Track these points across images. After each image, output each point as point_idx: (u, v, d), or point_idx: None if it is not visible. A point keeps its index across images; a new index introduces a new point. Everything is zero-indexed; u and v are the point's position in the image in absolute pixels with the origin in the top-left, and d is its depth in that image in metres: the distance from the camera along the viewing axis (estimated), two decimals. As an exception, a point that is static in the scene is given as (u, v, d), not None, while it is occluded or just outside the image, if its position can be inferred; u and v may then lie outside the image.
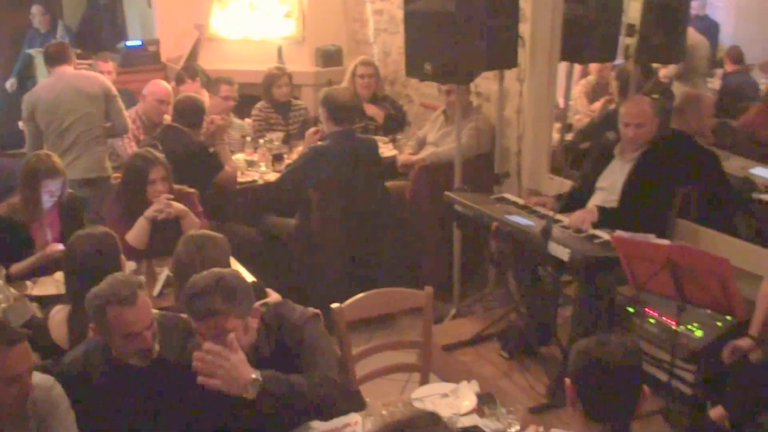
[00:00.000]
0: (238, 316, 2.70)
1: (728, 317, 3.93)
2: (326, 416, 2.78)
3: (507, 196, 4.93)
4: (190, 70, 6.66)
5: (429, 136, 6.01)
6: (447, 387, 3.13)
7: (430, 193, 5.56)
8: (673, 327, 3.82)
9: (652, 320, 4.21)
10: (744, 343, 3.66)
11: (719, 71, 8.13)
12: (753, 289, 3.80)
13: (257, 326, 2.81)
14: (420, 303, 3.63)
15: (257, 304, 2.85)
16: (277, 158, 5.93)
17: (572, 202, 4.57)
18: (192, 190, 4.73)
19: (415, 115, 6.99)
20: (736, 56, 7.87)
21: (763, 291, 3.73)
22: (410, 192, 5.72)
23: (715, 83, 7.95)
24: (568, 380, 2.35)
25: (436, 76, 4.97)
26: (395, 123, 6.58)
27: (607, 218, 4.33)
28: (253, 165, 5.88)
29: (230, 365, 2.58)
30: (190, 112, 5.40)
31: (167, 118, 5.60)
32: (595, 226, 4.31)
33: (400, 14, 5.84)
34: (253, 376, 2.60)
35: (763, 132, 6.30)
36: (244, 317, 2.73)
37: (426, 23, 4.87)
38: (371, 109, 6.49)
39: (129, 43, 8.23)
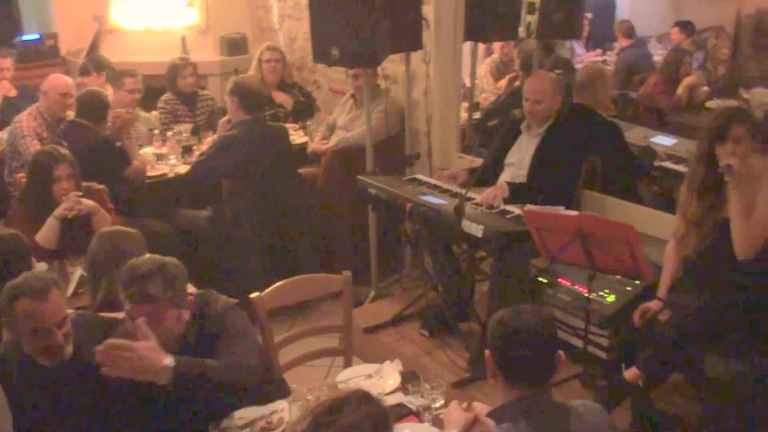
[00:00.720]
0: (175, 305, 2.68)
1: (637, 281, 4.08)
2: (239, 400, 2.79)
3: (419, 176, 4.98)
4: (96, 63, 6.49)
5: (339, 121, 6.02)
6: (370, 368, 3.17)
7: (342, 178, 5.57)
8: (586, 294, 3.94)
9: (565, 289, 4.33)
10: (653, 305, 3.81)
11: (617, 45, 8.37)
12: (659, 253, 3.95)
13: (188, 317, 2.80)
14: (339, 287, 3.66)
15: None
16: (187, 150, 5.86)
17: (483, 178, 4.67)
18: (101, 186, 4.64)
19: (324, 100, 6.99)
20: (627, 30, 8.12)
21: (667, 254, 3.88)
22: (323, 178, 5.72)
23: (613, 57, 8.20)
24: (487, 352, 2.41)
25: (343, 60, 4.98)
26: (305, 109, 6.57)
27: (517, 193, 4.43)
28: (162, 158, 5.78)
29: (135, 355, 2.55)
30: (93, 107, 5.27)
31: (70, 114, 5.46)
32: (507, 201, 4.40)
33: (304, 0, 5.81)
34: (166, 362, 2.59)
35: (661, 102, 6.54)
36: (179, 307, 2.72)
37: (330, 8, 4.86)
38: (280, 96, 6.46)
39: (26, 37, 7.93)
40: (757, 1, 8.22)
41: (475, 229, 4.05)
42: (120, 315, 2.84)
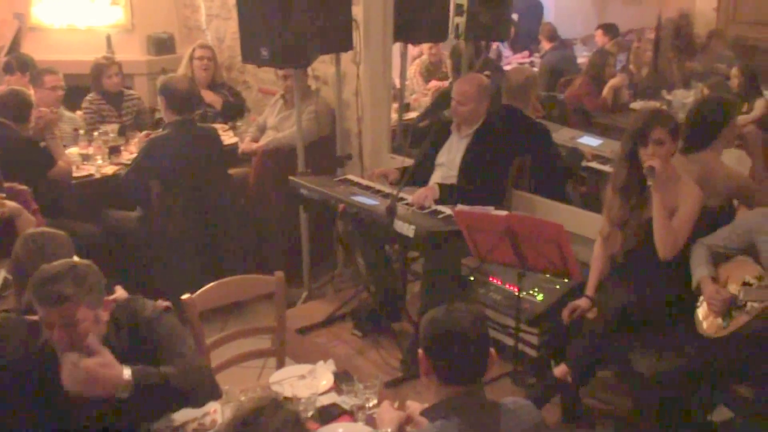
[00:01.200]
0: (89, 306, 2.62)
1: (566, 280, 4.17)
2: (197, 404, 2.76)
3: (351, 177, 4.99)
4: (20, 61, 6.31)
5: (269, 121, 5.99)
6: (304, 368, 3.17)
7: (273, 179, 5.55)
8: (516, 293, 4.00)
9: (495, 288, 4.40)
10: (582, 302, 3.89)
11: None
12: (587, 252, 4.04)
13: (108, 320, 2.74)
14: (271, 288, 3.64)
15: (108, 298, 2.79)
16: (114, 151, 5.75)
17: (414, 179, 4.70)
18: (24, 187, 4.53)
19: (254, 101, 6.95)
20: (550, 33, 8.28)
21: (595, 253, 3.97)
22: (254, 178, 5.69)
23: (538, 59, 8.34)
24: (420, 351, 2.43)
25: (272, 61, 4.96)
26: (234, 110, 6.52)
27: (447, 194, 4.47)
28: (88, 159, 5.67)
29: (89, 375, 2.51)
30: (15, 107, 5.13)
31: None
32: (438, 201, 4.45)
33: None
34: (125, 375, 2.55)
35: (587, 103, 6.68)
36: (95, 308, 2.66)
37: (260, 8, 4.84)
38: (209, 96, 6.40)
39: (-59, 36, 7.71)
40: (677, 4, 8.48)
41: (407, 229, 4.08)
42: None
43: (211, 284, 3.53)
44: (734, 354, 3.35)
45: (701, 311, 3.50)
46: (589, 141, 5.59)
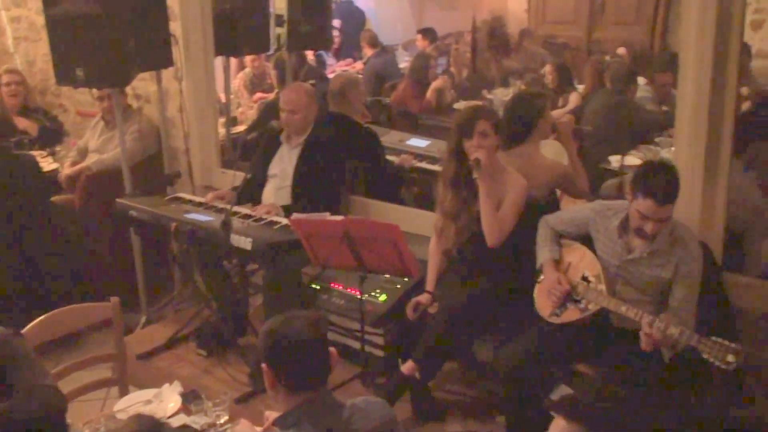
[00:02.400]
0: None
1: (406, 279, 4.26)
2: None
3: (182, 195, 4.92)
4: None
5: (90, 145, 5.79)
6: (149, 393, 3.09)
7: (100, 203, 5.36)
8: (359, 296, 4.05)
9: (338, 294, 4.44)
10: (423, 299, 3.99)
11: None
12: (424, 250, 4.14)
13: None
14: (107, 315, 3.52)
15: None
16: None
17: (248, 192, 4.68)
18: None
19: (73, 124, 6.70)
20: (371, 40, 8.46)
21: (431, 249, 4.09)
22: (79, 203, 5.49)
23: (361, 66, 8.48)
24: (264, 365, 2.43)
25: (89, 81, 4.81)
26: (51, 135, 6.26)
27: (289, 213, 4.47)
28: None
29: None
30: None
31: None
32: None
33: (40, 20, 5.55)
34: None
35: (412, 106, 6.85)
36: None
37: (71, 27, 4.68)
38: (23, 123, 6.12)
39: None
40: (490, 6, 8.86)
41: (244, 243, 4.06)
42: None
43: (42, 317, 3.37)
44: (571, 337, 3.52)
45: (538, 287, 3.66)
46: (417, 142, 5.72)
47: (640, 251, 3.35)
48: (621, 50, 7.80)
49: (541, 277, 3.66)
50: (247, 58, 7.31)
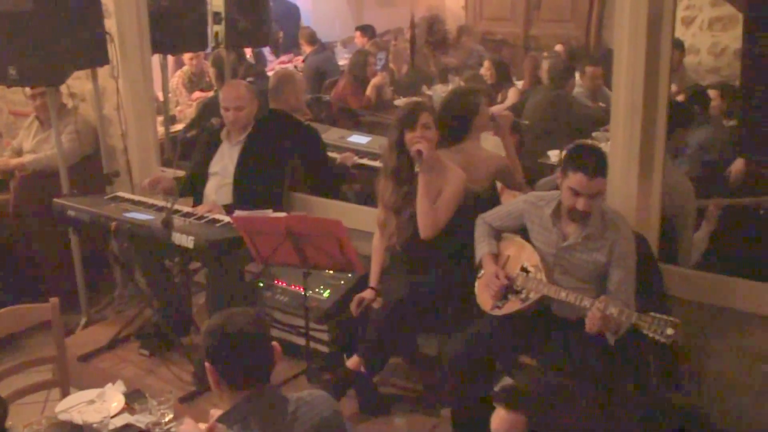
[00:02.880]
0: None
1: (349, 274, 4.29)
2: None
3: (121, 194, 4.87)
4: None
5: (25, 145, 5.70)
6: (92, 393, 3.07)
7: (36, 204, 5.29)
8: (303, 293, 4.06)
9: (282, 291, 4.46)
10: (367, 294, 4.02)
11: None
12: (367, 245, 4.18)
13: None
14: (46, 316, 3.49)
15: None
16: None
17: (188, 190, 4.66)
18: None
19: (6, 124, 6.58)
20: (309, 37, 8.47)
21: (374, 244, 4.12)
22: (13, 205, 5.40)
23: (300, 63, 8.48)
24: (207, 364, 2.43)
25: (22, 80, 4.74)
26: (-17, 136, 6.15)
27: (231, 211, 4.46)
28: None
29: None
30: None
31: None
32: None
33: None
34: None
35: (352, 103, 6.87)
36: None
37: (3, 25, 4.59)
38: (-46, 124, 5.99)
39: None
40: (428, 3, 8.93)
41: (186, 241, 4.03)
42: None
43: (-23, 320, 3.32)
44: (514, 329, 3.57)
45: (479, 283, 3.71)
46: (358, 139, 5.74)
47: (574, 237, 3.42)
48: (558, 47, 7.92)
49: (481, 272, 3.71)
50: (186, 56, 7.25)
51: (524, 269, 3.54)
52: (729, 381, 3.72)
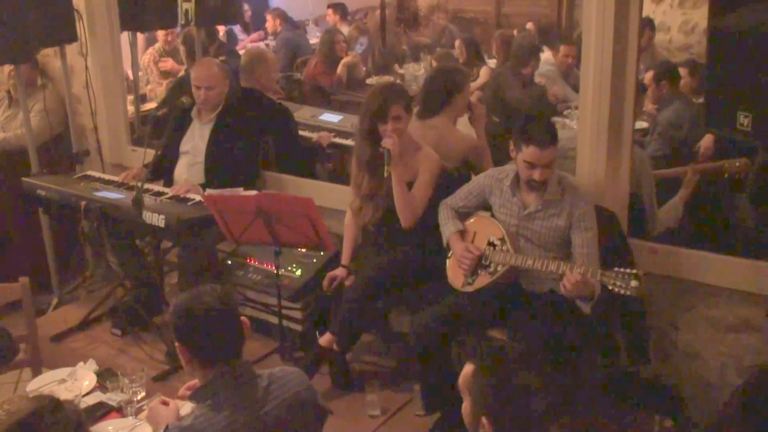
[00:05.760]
0: None
1: (321, 253, 4.31)
2: None
3: (91, 173, 4.85)
4: None
5: (-7, 121, 5.65)
6: (63, 372, 3.08)
7: (6, 183, 5.26)
8: (275, 271, 4.08)
9: (254, 269, 4.47)
10: (339, 272, 4.05)
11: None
12: (339, 224, 4.20)
13: None
14: (16, 296, 3.49)
15: None
16: None
17: (159, 169, 4.65)
18: None
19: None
20: (281, 15, 8.43)
21: (347, 222, 4.14)
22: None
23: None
24: (176, 342, 2.44)
25: (-10, 57, 4.70)
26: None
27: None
28: None
29: None
30: None
31: None
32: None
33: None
34: None
35: (324, 81, 6.87)
36: None
37: (-31, 2, 4.55)
38: None
39: None
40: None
41: (157, 219, 4.04)
42: None
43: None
44: (483, 305, 3.62)
45: (449, 262, 3.75)
46: (330, 117, 5.75)
47: (534, 205, 3.48)
48: (529, 25, 7.95)
49: (451, 253, 3.75)
50: (159, 33, 7.18)
51: (491, 243, 3.59)
52: (696, 352, 3.79)
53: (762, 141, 3.71)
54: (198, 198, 4.25)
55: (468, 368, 2.16)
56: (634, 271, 3.09)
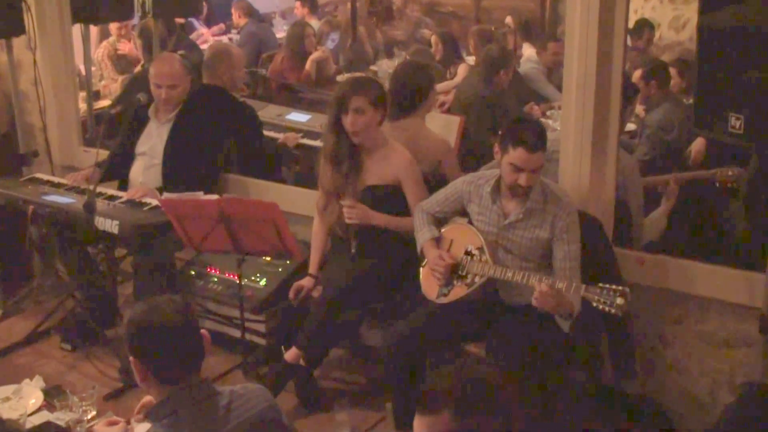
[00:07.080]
0: None
1: (287, 261, 4.29)
2: None
3: (39, 175, 4.82)
4: None
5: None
6: (7, 390, 3.05)
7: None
8: (237, 281, 4.06)
9: (215, 279, 4.45)
10: (305, 282, 4.05)
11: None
12: (307, 231, 4.19)
13: None
14: (-42, 307, 3.45)
15: None
16: None
17: (113, 171, 4.61)
18: None
19: None
20: (245, 8, 8.42)
21: (315, 229, 4.13)
22: None
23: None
24: (132, 358, 2.42)
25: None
26: None
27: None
28: None
29: None
30: None
31: None
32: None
33: None
34: None
35: (291, 78, 6.85)
36: None
37: None
38: None
39: None
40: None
41: (110, 225, 4.02)
42: None
43: None
44: (460, 317, 3.62)
45: (423, 271, 3.75)
46: (297, 116, 5.73)
47: (515, 213, 3.49)
48: (508, 19, 7.98)
49: (425, 261, 3.75)
50: (112, 26, 7.14)
51: (468, 253, 3.59)
52: (685, 368, 3.82)
53: (755, 145, 3.76)
54: (155, 202, 4.22)
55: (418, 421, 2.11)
56: (620, 287, 3.11)
